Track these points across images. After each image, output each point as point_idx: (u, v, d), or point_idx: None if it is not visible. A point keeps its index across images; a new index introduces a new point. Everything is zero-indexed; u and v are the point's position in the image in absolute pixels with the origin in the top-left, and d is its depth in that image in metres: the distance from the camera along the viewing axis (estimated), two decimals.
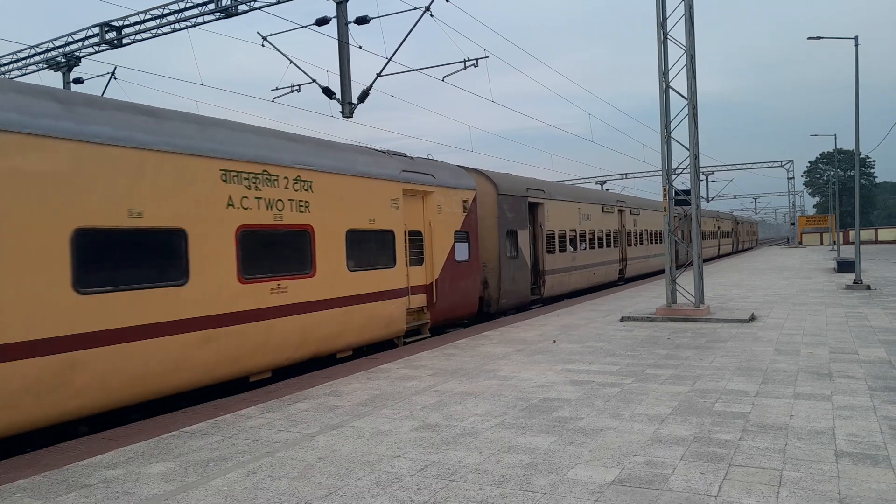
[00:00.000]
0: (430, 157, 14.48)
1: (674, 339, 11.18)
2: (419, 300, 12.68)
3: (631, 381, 8.10)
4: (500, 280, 15.84)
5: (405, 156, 12.85)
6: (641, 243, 29.77)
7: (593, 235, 23.18)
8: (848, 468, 4.95)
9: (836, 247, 43.43)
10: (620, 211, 26.96)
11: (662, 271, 31.45)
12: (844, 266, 25.71)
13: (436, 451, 5.69)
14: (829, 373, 8.22)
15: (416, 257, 12.56)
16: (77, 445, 6.27)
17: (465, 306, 14.24)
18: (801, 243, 70.70)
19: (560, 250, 19.97)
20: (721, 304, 15.88)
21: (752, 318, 13.30)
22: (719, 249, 50.17)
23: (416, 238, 12.59)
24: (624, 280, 27.06)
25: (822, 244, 67.90)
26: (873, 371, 8.24)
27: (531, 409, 6.96)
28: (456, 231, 13.82)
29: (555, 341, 11.36)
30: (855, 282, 19.63)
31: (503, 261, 15.97)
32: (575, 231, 21.42)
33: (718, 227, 49.65)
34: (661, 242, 33.05)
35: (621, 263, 26.72)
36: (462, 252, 14.04)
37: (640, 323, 13.41)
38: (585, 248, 22.21)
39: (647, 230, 30.75)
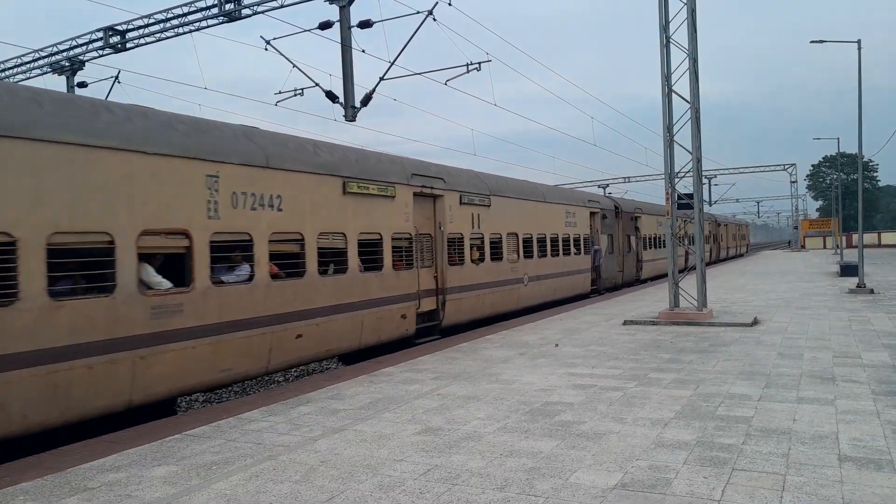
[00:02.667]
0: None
1: (676, 343, 11.16)
2: None
3: (634, 385, 8.09)
4: None
5: None
6: (499, 258, 16.50)
7: (299, 247, 10.16)
8: (851, 473, 4.94)
9: (839, 251, 43.33)
10: (431, 196, 13.90)
11: (560, 303, 19.65)
12: (847, 270, 25.63)
13: (438, 455, 5.69)
14: (832, 377, 8.20)
15: None
16: (80, 448, 6.28)
17: None
18: (803, 247, 70.62)
19: (104, 291, 7.33)
20: (724, 307, 15.86)
21: (755, 322, 13.27)
22: (687, 260, 26.66)
23: None
24: (440, 330, 13.88)
25: (825, 248, 67.81)
26: (877, 375, 8.22)
27: (534, 413, 6.95)
28: None
29: (557, 345, 11.35)
30: (858, 286, 19.59)
31: None
32: (249, 237, 9.18)
33: (684, 232, 29.51)
34: (560, 255, 20.29)
35: (433, 299, 13.83)
36: None
37: (643, 326, 13.39)
38: (283, 279, 9.83)
39: (519, 234, 17.70)
